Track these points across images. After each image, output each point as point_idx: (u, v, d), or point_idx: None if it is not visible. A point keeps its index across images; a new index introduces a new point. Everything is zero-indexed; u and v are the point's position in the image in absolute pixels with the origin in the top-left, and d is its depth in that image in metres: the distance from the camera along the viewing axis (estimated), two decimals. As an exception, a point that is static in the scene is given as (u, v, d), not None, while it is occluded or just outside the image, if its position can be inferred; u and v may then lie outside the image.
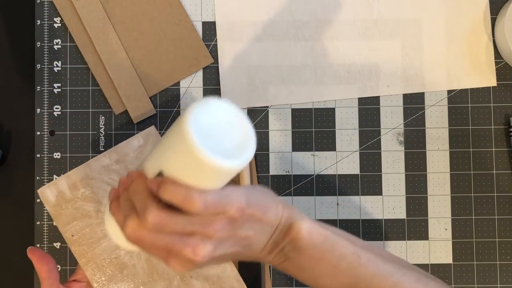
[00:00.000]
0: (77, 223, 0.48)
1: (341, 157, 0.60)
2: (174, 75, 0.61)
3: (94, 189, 0.49)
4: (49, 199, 0.48)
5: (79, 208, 0.48)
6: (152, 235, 0.35)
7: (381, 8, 0.61)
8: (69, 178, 0.48)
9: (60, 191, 0.48)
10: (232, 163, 0.34)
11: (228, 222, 0.36)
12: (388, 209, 0.60)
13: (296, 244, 0.40)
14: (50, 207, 0.48)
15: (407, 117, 0.61)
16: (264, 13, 0.61)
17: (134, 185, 0.37)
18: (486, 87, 0.61)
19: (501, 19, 0.59)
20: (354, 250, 0.41)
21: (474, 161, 0.60)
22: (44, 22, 0.61)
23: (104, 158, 0.49)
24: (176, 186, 0.34)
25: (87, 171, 0.49)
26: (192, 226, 0.35)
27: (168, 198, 0.34)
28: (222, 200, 0.35)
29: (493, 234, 0.60)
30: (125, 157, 0.49)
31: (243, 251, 0.39)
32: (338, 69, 0.61)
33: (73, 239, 0.48)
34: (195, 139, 0.32)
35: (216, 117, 0.35)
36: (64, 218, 0.48)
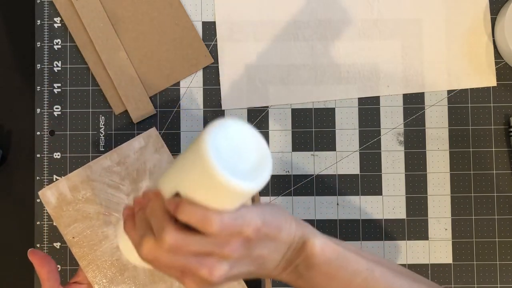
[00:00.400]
0: (78, 225, 0.48)
1: (341, 157, 0.60)
2: (174, 75, 0.61)
3: (95, 191, 0.49)
4: (50, 201, 0.48)
5: (80, 210, 0.48)
6: (169, 255, 0.35)
7: (381, 8, 0.61)
8: (69, 180, 0.48)
9: (61, 193, 0.48)
10: (250, 185, 0.34)
11: (244, 242, 0.36)
12: (388, 209, 0.60)
13: (309, 262, 0.40)
14: (51, 209, 0.48)
15: (407, 117, 0.61)
16: (264, 13, 0.61)
17: (151, 205, 0.37)
18: (486, 87, 0.61)
19: (501, 19, 0.59)
20: (367, 266, 0.42)
21: (474, 161, 0.60)
22: (44, 22, 0.61)
23: (105, 160, 0.49)
24: (193, 207, 0.34)
25: (87, 173, 0.49)
26: (209, 247, 0.35)
27: (186, 220, 0.34)
28: (238, 221, 0.35)
29: (493, 234, 0.60)
30: (126, 159, 0.49)
31: (257, 269, 0.39)
32: (338, 69, 0.61)
33: (74, 241, 0.48)
34: (214, 162, 0.32)
35: (234, 139, 0.35)
36: (65, 220, 0.48)
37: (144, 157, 0.50)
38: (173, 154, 0.59)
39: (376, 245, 0.60)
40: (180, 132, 0.60)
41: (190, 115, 0.61)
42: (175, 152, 0.60)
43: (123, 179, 0.49)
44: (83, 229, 0.48)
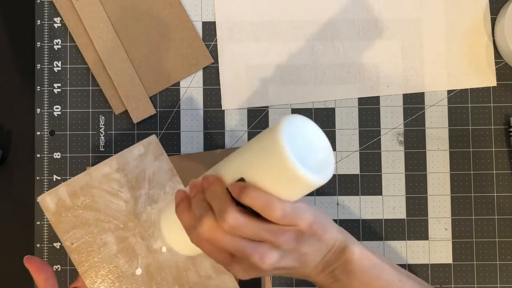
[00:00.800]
0: (76, 231, 0.48)
1: (341, 157, 0.60)
2: (174, 75, 0.61)
3: (94, 198, 0.48)
4: (49, 206, 0.48)
5: (78, 216, 0.48)
6: (226, 236, 0.36)
7: (381, 8, 0.61)
8: (69, 186, 0.48)
9: (60, 199, 0.48)
10: (318, 178, 0.35)
11: (296, 235, 0.38)
12: (388, 209, 0.60)
13: (347, 267, 0.41)
14: (50, 215, 0.48)
15: (407, 117, 0.61)
16: (264, 13, 0.61)
17: (213, 188, 0.38)
18: (486, 87, 0.61)
19: (501, 19, 0.59)
20: (400, 278, 0.43)
21: (474, 161, 0.60)
22: (44, 22, 0.61)
23: (104, 166, 0.49)
24: (259, 192, 0.36)
25: (87, 179, 0.48)
26: (264, 233, 0.36)
27: (249, 203, 0.36)
28: (296, 212, 0.37)
29: (493, 234, 0.60)
30: (125, 166, 0.49)
31: (299, 266, 0.40)
32: (338, 69, 0.61)
33: (72, 247, 0.48)
34: (289, 150, 0.34)
35: (305, 133, 0.37)
36: (64, 226, 0.48)
37: (144, 165, 0.49)
38: (170, 154, 0.59)
39: (376, 245, 0.60)
40: (180, 132, 0.60)
41: (190, 115, 0.61)
42: (175, 153, 0.60)
43: (122, 186, 0.49)
44: (82, 235, 0.48)
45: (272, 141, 0.35)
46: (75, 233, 0.48)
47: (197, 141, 0.60)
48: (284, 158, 0.34)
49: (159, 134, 0.60)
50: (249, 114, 0.61)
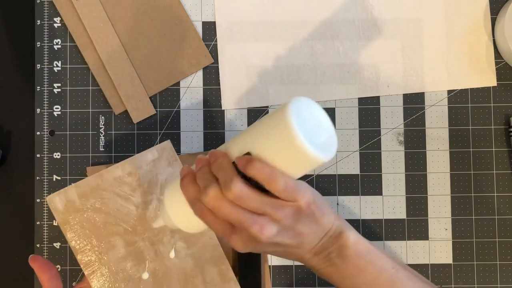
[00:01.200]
0: (84, 233, 0.48)
1: (341, 157, 0.60)
2: (174, 75, 0.61)
3: (104, 200, 0.48)
4: (57, 207, 0.48)
5: (87, 218, 0.48)
6: (229, 206, 0.38)
7: (381, 8, 0.61)
8: (79, 187, 0.48)
9: (69, 200, 0.48)
10: (322, 155, 0.37)
11: (294, 212, 0.39)
12: (388, 209, 0.60)
13: (342, 252, 0.43)
14: (58, 215, 0.48)
15: (407, 117, 0.61)
16: (264, 13, 0.61)
17: (219, 161, 0.39)
18: (486, 87, 0.61)
19: (501, 19, 0.59)
20: (393, 265, 0.44)
21: (474, 161, 0.60)
22: (44, 22, 0.61)
23: (116, 169, 0.49)
24: (263, 164, 0.37)
25: (98, 182, 0.48)
26: (266, 206, 0.38)
27: (254, 174, 0.37)
28: (297, 188, 0.39)
29: (493, 234, 0.60)
30: (138, 170, 0.49)
31: (295, 246, 0.41)
32: (338, 69, 0.61)
33: (79, 249, 0.47)
34: (297, 126, 0.36)
35: (312, 113, 0.39)
36: (72, 227, 0.47)
37: (157, 169, 0.49)
38: (173, 154, 0.59)
39: (376, 245, 0.59)
40: (180, 132, 0.60)
41: (190, 115, 0.61)
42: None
43: (133, 190, 0.48)
44: (90, 237, 0.47)
45: (281, 118, 0.37)
46: (82, 235, 0.47)
47: (197, 141, 0.60)
48: (292, 134, 0.36)
49: (159, 134, 0.60)
50: (249, 114, 0.61)
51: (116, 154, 0.60)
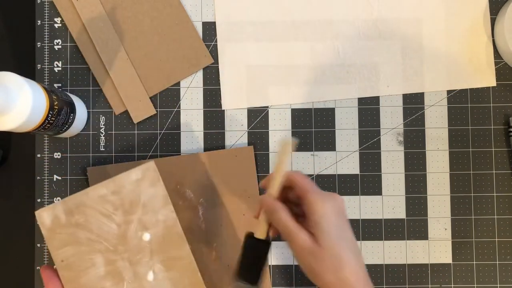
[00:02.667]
0: (68, 249, 0.48)
1: (341, 157, 0.60)
2: (174, 75, 0.61)
3: (88, 217, 0.48)
4: (45, 222, 0.48)
5: (71, 234, 0.48)
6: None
7: (381, 8, 0.61)
8: (65, 204, 0.48)
9: (56, 216, 0.48)
10: None
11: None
12: (388, 209, 0.60)
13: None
14: (45, 230, 0.48)
15: (406, 117, 0.61)
16: (264, 13, 0.61)
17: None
18: (485, 87, 0.61)
19: (501, 19, 0.59)
20: None
21: (474, 161, 0.60)
22: (45, 22, 0.61)
23: (102, 188, 0.49)
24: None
25: (83, 199, 0.49)
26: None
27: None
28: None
29: (492, 234, 0.60)
30: (121, 189, 0.49)
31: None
32: (338, 69, 0.61)
33: (62, 264, 0.48)
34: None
35: None
36: (57, 243, 0.48)
37: (139, 190, 0.49)
38: (170, 154, 0.59)
39: (376, 245, 0.60)
40: (180, 132, 0.61)
41: (190, 115, 0.61)
42: (175, 153, 0.60)
43: (116, 209, 0.49)
44: (73, 253, 0.48)
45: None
46: (66, 251, 0.48)
47: (197, 141, 0.60)
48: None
49: (159, 134, 0.60)
50: (249, 114, 0.61)
51: (116, 154, 0.60)
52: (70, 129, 0.57)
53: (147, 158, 0.60)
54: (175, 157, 0.59)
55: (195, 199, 0.59)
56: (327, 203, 0.43)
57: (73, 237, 0.48)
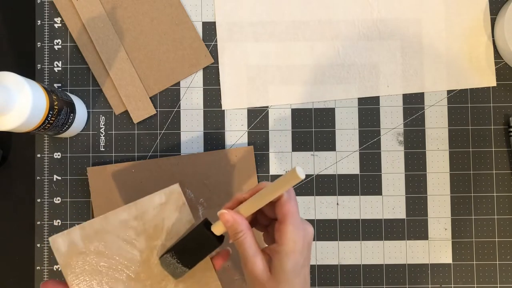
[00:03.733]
0: (85, 278, 0.45)
1: (341, 157, 0.60)
2: (174, 75, 0.61)
3: (108, 244, 0.45)
4: (60, 248, 0.45)
5: (90, 262, 0.45)
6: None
7: (381, 8, 0.61)
8: (83, 229, 0.45)
9: (72, 242, 0.45)
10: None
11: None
12: (388, 209, 0.60)
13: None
14: (60, 257, 0.45)
15: (406, 117, 0.61)
16: (264, 13, 0.61)
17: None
18: (485, 87, 0.61)
19: (501, 19, 0.59)
20: None
21: (474, 161, 0.60)
22: (45, 22, 0.61)
23: (123, 212, 0.46)
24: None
25: (103, 224, 0.45)
26: None
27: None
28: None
29: (492, 234, 0.60)
30: (144, 214, 0.46)
31: None
32: (338, 69, 0.61)
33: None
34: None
35: None
36: (74, 270, 0.45)
37: (163, 214, 0.46)
38: (170, 154, 0.59)
39: (376, 245, 0.60)
40: (180, 132, 0.60)
41: (190, 115, 0.61)
42: (175, 153, 0.60)
43: (138, 235, 0.46)
44: (91, 282, 0.45)
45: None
46: (84, 280, 0.45)
47: (197, 141, 0.60)
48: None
49: (159, 134, 0.60)
50: (249, 114, 0.61)
51: (116, 154, 0.60)
52: (70, 129, 0.57)
53: (147, 158, 0.60)
54: (175, 157, 0.59)
55: (195, 199, 0.59)
56: (299, 238, 0.41)
57: (92, 265, 0.45)
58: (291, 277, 0.40)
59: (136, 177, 0.59)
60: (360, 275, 0.59)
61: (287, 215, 0.41)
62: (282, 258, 0.40)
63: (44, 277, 0.59)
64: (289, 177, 0.38)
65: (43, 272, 0.59)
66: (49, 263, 0.59)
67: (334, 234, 0.60)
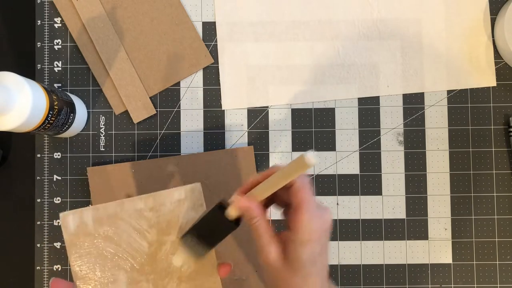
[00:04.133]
0: (89, 259, 0.44)
1: (341, 157, 0.60)
2: (174, 75, 0.61)
3: (118, 230, 0.44)
4: (69, 226, 0.44)
5: (96, 245, 0.44)
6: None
7: (381, 8, 0.61)
8: (96, 211, 0.44)
9: (83, 222, 0.44)
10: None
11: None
12: (388, 209, 0.60)
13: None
14: (67, 235, 0.44)
15: (406, 117, 0.61)
16: (264, 13, 0.61)
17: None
18: (485, 87, 0.61)
19: (501, 19, 0.59)
20: None
21: (474, 161, 0.60)
22: (45, 22, 0.61)
23: (139, 201, 0.45)
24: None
25: (117, 210, 0.44)
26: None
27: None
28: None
29: (492, 234, 0.60)
30: (160, 207, 0.45)
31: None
32: (338, 69, 0.61)
33: (80, 274, 0.44)
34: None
35: None
36: (78, 250, 0.44)
37: (179, 211, 0.45)
38: (170, 154, 0.59)
39: (376, 245, 0.60)
40: (180, 132, 0.61)
41: (190, 115, 0.61)
42: (175, 153, 0.60)
43: (151, 226, 0.45)
44: (94, 265, 0.44)
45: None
46: (87, 261, 0.44)
47: (197, 141, 0.60)
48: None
49: (159, 134, 0.60)
50: (249, 114, 0.61)
51: (116, 154, 0.60)
52: (70, 129, 0.57)
53: (147, 158, 0.60)
54: (175, 157, 0.59)
55: (195, 199, 0.59)
56: (315, 227, 0.39)
57: (98, 249, 0.44)
58: (308, 265, 0.39)
59: (136, 177, 0.59)
60: (360, 275, 0.59)
61: (301, 203, 0.39)
62: (297, 248, 0.39)
63: (44, 277, 0.59)
64: (297, 164, 0.35)
65: (43, 272, 0.59)
66: (49, 263, 0.59)
67: (334, 234, 0.60)
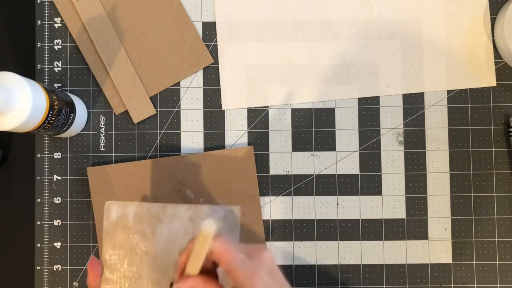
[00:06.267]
0: (119, 252, 0.44)
1: (341, 157, 0.60)
2: (174, 75, 0.61)
3: (156, 232, 0.45)
4: (111, 215, 0.45)
5: (131, 241, 0.45)
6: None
7: (381, 8, 0.61)
8: (140, 208, 0.45)
9: (124, 214, 0.45)
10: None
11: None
12: (388, 209, 0.60)
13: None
14: (107, 223, 0.44)
15: (406, 117, 0.61)
16: (264, 13, 0.61)
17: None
18: (485, 87, 0.61)
19: (501, 19, 0.59)
20: None
21: (474, 161, 0.60)
22: (45, 22, 0.61)
23: (182, 208, 0.46)
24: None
25: (160, 212, 0.45)
26: None
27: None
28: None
29: (492, 234, 0.60)
30: (199, 220, 0.46)
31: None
32: (338, 69, 0.61)
33: (107, 263, 0.44)
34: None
35: None
36: (113, 241, 0.44)
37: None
38: (170, 154, 0.59)
39: (376, 245, 0.60)
40: (180, 132, 0.61)
41: (190, 115, 0.61)
42: (175, 153, 0.60)
43: (185, 234, 0.45)
44: (123, 258, 0.44)
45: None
46: (117, 253, 0.45)
47: (197, 141, 0.60)
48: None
49: (159, 134, 0.60)
50: (249, 114, 0.61)
51: (116, 154, 0.60)
52: (70, 129, 0.57)
53: (147, 158, 0.60)
54: (175, 157, 0.59)
55: (195, 199, 0.59)
56: (253, 279, 0.38)
57: (132, 244, 0.45)
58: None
59: (136, 177, 0.59)
60: (360, 275, 0.59)
61: (229, 268, 0.38)
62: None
63: (44, 277, 0.59)
64: (201, 236, 0.36)
65: (43, 272, 0.59)
66: (49, 263, 0.59)
67: (334, 234, 0.60)
